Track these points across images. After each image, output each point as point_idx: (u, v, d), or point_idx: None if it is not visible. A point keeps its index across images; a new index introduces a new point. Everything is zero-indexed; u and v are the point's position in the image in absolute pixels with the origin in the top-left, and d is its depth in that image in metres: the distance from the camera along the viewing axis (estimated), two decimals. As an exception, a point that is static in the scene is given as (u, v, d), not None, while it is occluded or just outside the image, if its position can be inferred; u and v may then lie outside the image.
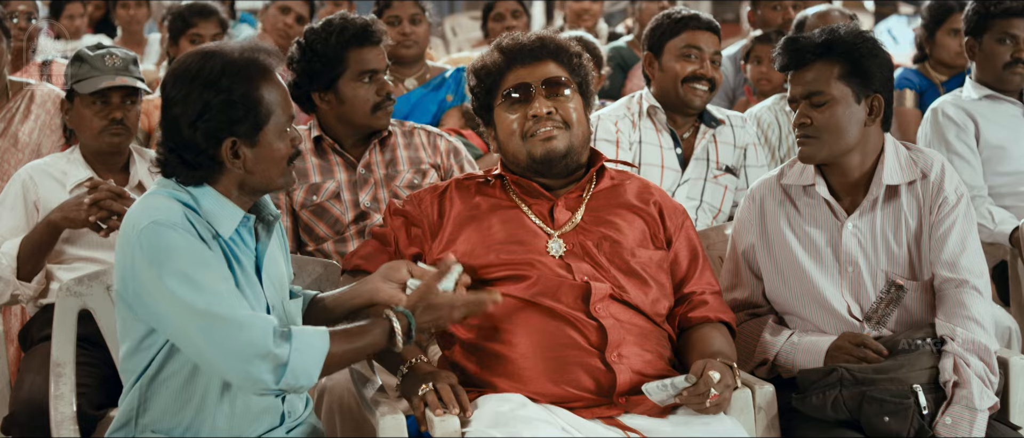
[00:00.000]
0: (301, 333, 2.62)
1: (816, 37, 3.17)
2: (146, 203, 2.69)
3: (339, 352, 2.65)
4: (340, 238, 3.75)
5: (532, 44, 3.11)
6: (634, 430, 2.88)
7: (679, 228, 3.15)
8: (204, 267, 2.58)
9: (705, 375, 2.81)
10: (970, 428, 2.97)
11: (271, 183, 2.73)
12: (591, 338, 2.94)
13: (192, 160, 2.66)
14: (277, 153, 2.71)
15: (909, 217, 3.21)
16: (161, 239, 2.59)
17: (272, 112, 2.69)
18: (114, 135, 3.62)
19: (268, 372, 2.56)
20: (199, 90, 2.63)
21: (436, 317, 2.77)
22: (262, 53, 2.72)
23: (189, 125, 2.64)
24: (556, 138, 3.05)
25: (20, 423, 3.32)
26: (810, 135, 3.17)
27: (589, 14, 7.20)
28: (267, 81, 2.69)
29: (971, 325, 3.08)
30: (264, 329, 2.57)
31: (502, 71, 3.10)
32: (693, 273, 3.13)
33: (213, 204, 2.68)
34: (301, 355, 2.59)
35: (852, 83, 3.14)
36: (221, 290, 2.58)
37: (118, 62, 3.62)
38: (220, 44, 2.77)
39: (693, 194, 4.13)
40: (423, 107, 4.97)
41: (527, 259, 2.99)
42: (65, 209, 3.47)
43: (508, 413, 2.83)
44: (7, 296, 3.57)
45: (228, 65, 2.66)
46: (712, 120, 4.22)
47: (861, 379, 3.03)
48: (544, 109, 3.05)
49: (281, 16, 5.99)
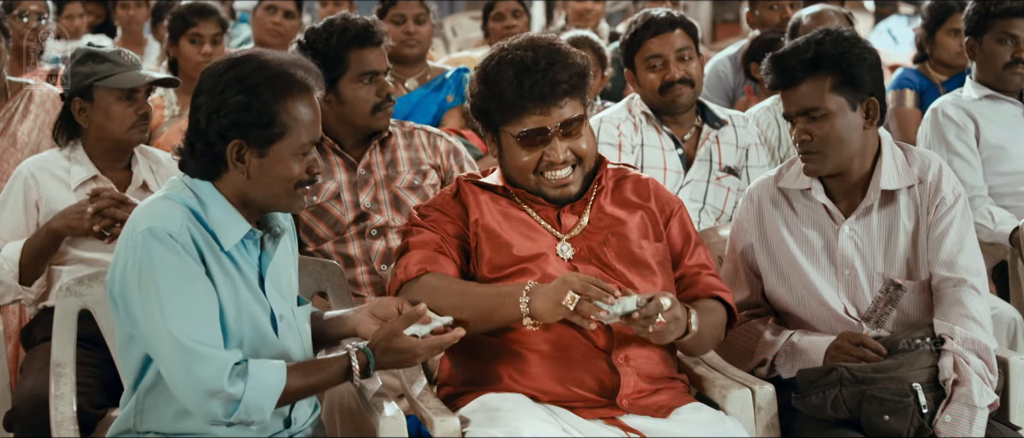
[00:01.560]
0: (258, 370, 2.63)
1: (802, 53, 3.14)
2: (150, 206, 2.69)
3: (295, 387, 2.68)
4: (340, 239, 3.75)
5: (548, 86, 2.91)
6: (635, 430, 2.88)
7: (672, 215, 3.12)
8: (182, 289, 2.59)
9: (656, 300, 2.78)
10: (970, 426, 2.97)
11: (273, 200, 2.72)
12: (598, 340, 2.93)
13: (201, 151, 2.68)
14: (286, 171, 2.68)
15: (906, 219, 3.21)
16: (149, 250, 2.60)
17: (290, 130, 2.67)
18: (141, 131, 3.63)
19: (219, 408, 2.61)
20: (224, 85, 2.65)
21: (397, 360, 2.77)
22: (301, 70, 2.71)
23: (206, 116, 2.65)
24: (572, 182, 3.01)
25: (21, 417, 3.31)
26: (812, 150, 3.16)
27: (592, 14, 7.20)
28: (295, 98, 2.68)
29: (970, 324, 3.08)
30: (221, 367, 2.59)
31: (516, 111, 2.94)
32: (685, 252, 3.10)
33: (221, 212, 2.69)
34: (255, 392, 2.61)
35: (845, 92, 3.13)
36: (191, 315, 2.59)
37: (134, 59, 3.64)
38: (271, 52, 2.76)
39: (696, 196, 4.13)
40: (424, 108, 4.97)
41: (537, 262, 2.98)
42: (67, 217, 3.47)
43: (508, 412, 2.83)
44: (8, 299, 3.58)
45: (260, 70, 2.66)
46: (715, 121, 4.21)
47: (860, 378, 3.03)
48: (561, 155, 2.96)
49: (268, 16, 5.98)
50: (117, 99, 3.58)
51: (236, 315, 2.68)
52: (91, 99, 3.59)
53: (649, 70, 4.12)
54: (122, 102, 3.58)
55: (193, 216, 2.66)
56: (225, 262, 2.68)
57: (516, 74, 2.91)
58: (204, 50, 4.96)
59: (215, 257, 2.66)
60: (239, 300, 2.69)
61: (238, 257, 2.70)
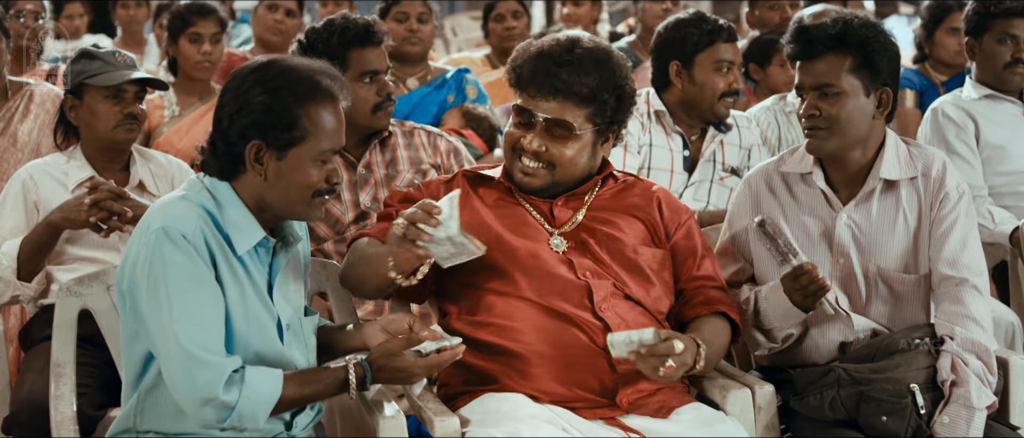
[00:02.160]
0: (254, 378, 2.63)
1: (829, 28, 3.14)
2: (167, 205, 2.70)
3: (290, 396, 2.69)
4: (340, 238, 3.75)
5: (550, 77, 2.98)
6: (635, 431, 2.88)
7: (680, 225, 3.14)
8: (190, 291, 2.60)
9: (669, 342, 2.79)
10: (967, 427, 2.96)
11: (290, 206, 2.72)
12: (597, 339, 2.93)
13: (222, 150, 2.69)
14: (304, 177, 2.69)
15: (908, 212, 3.20)
16: (161, 249, 2.61)
17: (310, 135, 2.67)
18: (129, 130, 3.63)
19: (213, 413, 2.62)
20: (249, 86, 2.66)
21: (394, 377, 2.77)
22: (327, 78, 2.72)
23: (228, 115, 2.67)
24: (534, 176, 3.03)
25: (21, 422, 3.32)
26: (819, 126, 3.15)
27: (577, 16, 7.17)
28: (319, 104, 2.69)
29: (970, 324, 3.07)
30: (219, 374, 2.59)
31: (522, 84, 3.02)
32: (692, 265, 3.11)
33: (238, 215, 2.69)
34: (249, 401, 2.62)
35: (863, 76, 3.13)
36: (196, 318, 2.60)
37: (128, 60, 3.65)
38: (300, 59, 2.79)
39: (700, 196, 4.13)
40: (424, 107, 4.97)
41: (530, 252, 2.99)
42: (65, 210, 3.48)
43: (508, 413, 2.83)
44: (7, 297, 3.57)
45: (286, 73, 2.68)
46: (721, 123, 4.21)
47: (858, 379, 3.03)
48: (532, 145, 3.00)
49: (270, 14, 5.98)
50: (103, 98, 3.59)
51: (244, 321, 2.68)
52: (81, 97, 3.62)
53: (715, 72, 4.08)
54: (108, 101, 3.60)
55: (209, 218, 2.66)
56: (236, 267, 2.68)
57: (540, 56, 3.00)
58: (203, 49, 4.95)
59: (227, 261, 2.67)
60: (247, 306, 2.69)
61: (249, 263, 2.71)
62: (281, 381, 2.66)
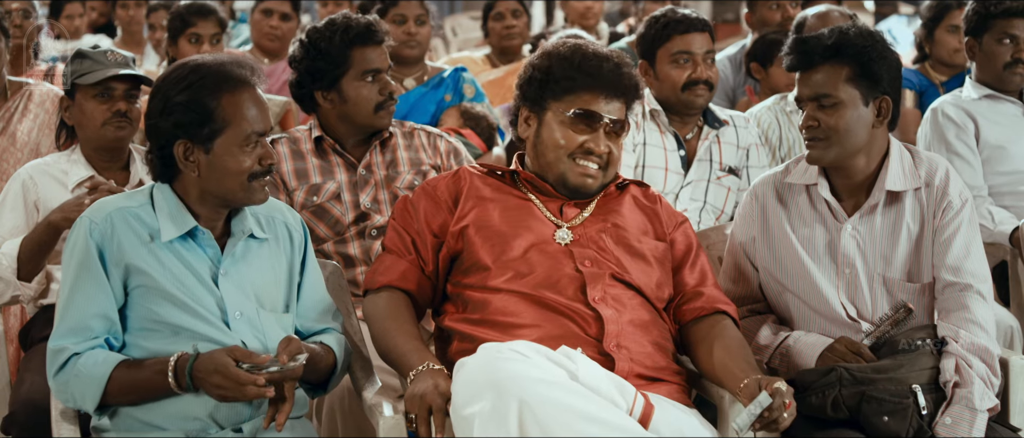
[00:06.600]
0: (86, 361, 2.77)
1: (825, 38, 3.16)
2: (108, 196, 2.92)
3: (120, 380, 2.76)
4: (340, 239, 3.75)
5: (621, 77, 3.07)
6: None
7: (677, 226, 3.19)
8: (77, 274, 2.79)
9: (775, 388, 2.76)
10: (970, 428, 2.96)
11: (230, 193, 2.83)
12: (590, 329, 2.94)
13: (156, 155, 2.83)
14: (235, 164, 2.80)
15: (911, 222, 3.21)
16: (72, 232, 2.83)
17: (230, 123, 2.78)
18: (118, 128, 3.62)
19: (54, 389, 2.82)
20: (166, 90, 2.80)
21: (221, 388, 2.71)
22: (236, 66, 2.83)
23: (154, 122, 2.80)
24: (595, 178, 3.08)
25: (20, 422, 3.32)
26: (818, 137, 3.16)
27: (592, 13, 7.21)
28: (232, 92, 2.80)
29: (974, 328, 3.07)
30: (56, 352, 2.78)
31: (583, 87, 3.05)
32: (688, 261, 3.15)
33: (167, 205, 2.83)
34: (78, 380, 2.76)
35: (861, 86, 3.14)
36: (73, 300, 2.78)
37: (120, 58, 3.65)
38: (211, 55, 2.91)
39: (696, 195, 4.13)
40: (422, 106, 4.98)
41: (531, 246, 3.02)
42: (65, 210, 3.47)
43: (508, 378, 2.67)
44: (7, 297, 3.57)
45: (197, 70, 2.80)
46: (715, 121, 4.21)
47: (860, 379, 3.03)
48: (602, 146, 3.05)
49: (265, 19, 5.97)
50: (92, 96, 3.61)
51: (174, 301, 2.78)
52: (74, 97, 3.62)
53: (673, 65, 4.12)
54: (97, 99, 3.61)
55: (132, 211, 2.81)
56: (163, 254, 2.80)
57: (596, 56, 3.06)
58: (203, 50, 4.95)
59: (148, 248, 2.80)
60: (184, 286, 2.80)
61: (183, 250, 2.81)
62: (113, 364, 2.75)
